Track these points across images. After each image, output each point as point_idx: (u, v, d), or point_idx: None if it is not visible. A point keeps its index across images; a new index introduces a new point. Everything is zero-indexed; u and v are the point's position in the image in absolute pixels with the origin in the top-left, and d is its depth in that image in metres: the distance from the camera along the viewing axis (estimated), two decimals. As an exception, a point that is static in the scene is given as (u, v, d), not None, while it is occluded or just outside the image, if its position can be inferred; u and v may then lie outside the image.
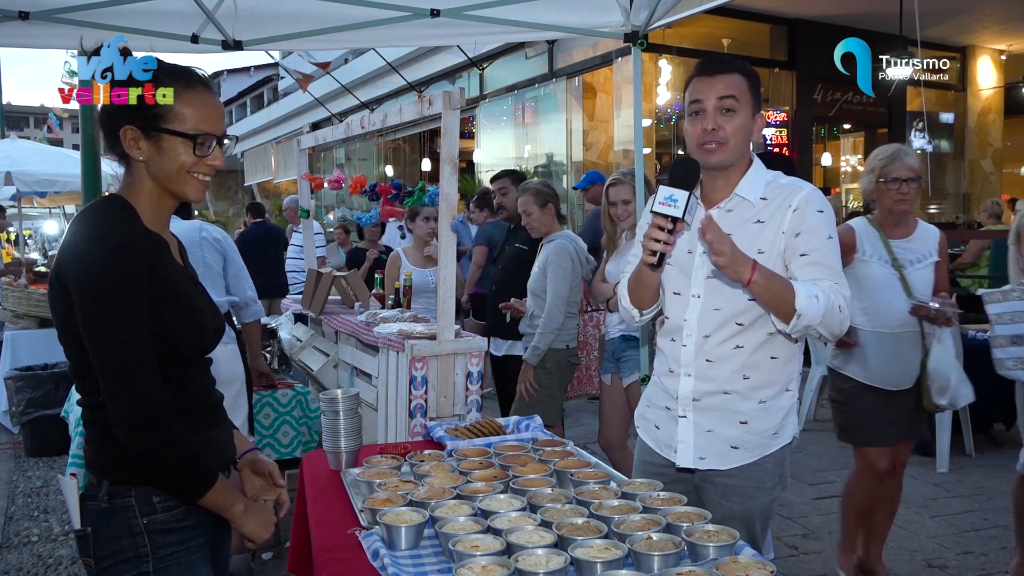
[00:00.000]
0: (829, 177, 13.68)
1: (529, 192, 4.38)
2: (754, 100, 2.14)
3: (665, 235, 1.96)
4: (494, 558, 1.56)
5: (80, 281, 1.58)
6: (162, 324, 1.63)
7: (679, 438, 2.21)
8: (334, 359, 4.54)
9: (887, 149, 3.43)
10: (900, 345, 3.37)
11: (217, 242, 3.79)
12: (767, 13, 10.92)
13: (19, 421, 6.02)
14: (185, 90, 1.67)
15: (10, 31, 4.28)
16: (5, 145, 10.32)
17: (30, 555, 4.24)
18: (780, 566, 1.65)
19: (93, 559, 1.67)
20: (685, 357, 2.18)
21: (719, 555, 1.59)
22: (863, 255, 3.37)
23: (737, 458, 2.17)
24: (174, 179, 1.70)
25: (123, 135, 1.66)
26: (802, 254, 2.07)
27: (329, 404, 2.47)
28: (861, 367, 3.42)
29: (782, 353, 2.17)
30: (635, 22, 4.50)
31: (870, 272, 3.36)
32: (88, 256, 1.59)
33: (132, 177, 1.71)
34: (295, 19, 4.66)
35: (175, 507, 1.68)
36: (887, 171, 3.35)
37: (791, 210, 2.09)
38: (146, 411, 1.57)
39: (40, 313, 6.65)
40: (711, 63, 2.16)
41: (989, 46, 13.12)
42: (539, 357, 4.18)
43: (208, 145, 1.70)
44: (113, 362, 1.56)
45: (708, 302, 2.14)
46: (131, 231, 1.65)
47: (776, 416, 2.17)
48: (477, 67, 13.38)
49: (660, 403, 2.30)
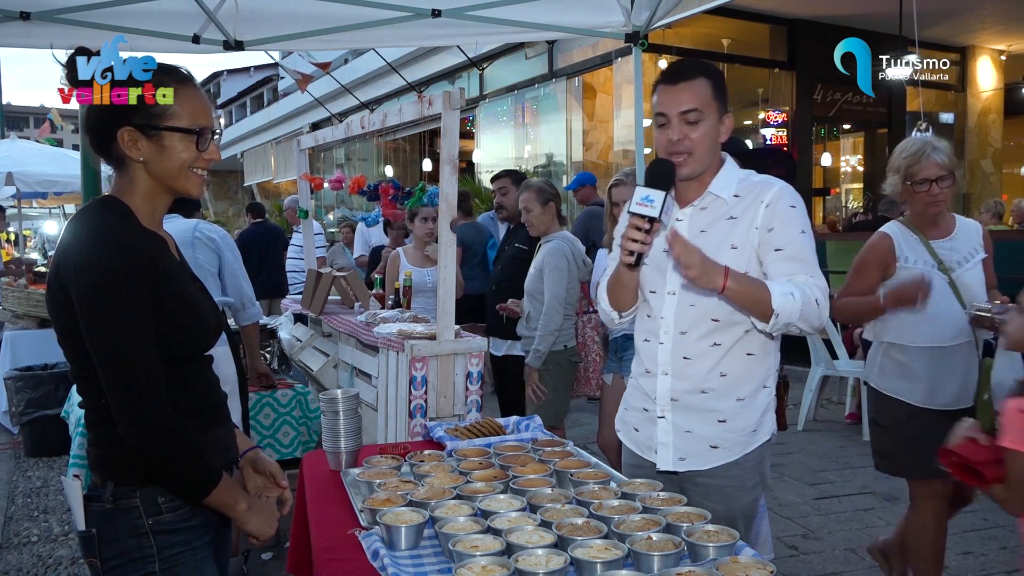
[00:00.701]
0: (829, 177, 13.69)
1: (532, 189, 4.39)
2: (719, 103, 2.14)
3: (643, 235, 1.98)
4: (494, 558, 1.56)
5: (81, 282, 1.57)
6: (164, 323, 1.63)
7: (659, 440, 2.22)
8: (334, 359, 4.55)
9: (912, 145, 3.08)
10: (956, 359, 2.99)
11: (212, 241, 3.72)
12: (767, 13, 10.92)
13: (19, 421, 6.02)
14: (179, 87, 1.68)
15: (11, 31, 4.29)
16: (5, 145, 10.32)
17: (30, 555, 4.24)
18: (780, 566, 1.65)
19: (99, 560, 1.67)
20: (662, 355, 2.20)
21: (719, 555, 1.59)
22: (905, 262, 3.01)
23: (717, 457, 2.18)
24: (176, 176, 1.71)
25: (120, 137, 1.66)
26: (776, 249, 2.08)
27: (329, 404, 2.47)
28: (912, 387, 3.03)
29: (758, 350, 2.18)
30: (636, 22, 4.50)
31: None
32: (89, 257, 1.59)
33: (127, 178, 1.71)
34: (297, 19, 4.67)
35: (180, 507, 1.68)
36: (913, 172, 3.00)
37: (763, 206, 2.11)
38: (151, 411, 1.57)
39: (40, 313, 6.65)
40: (673, 71, 2.15)
41: (989, 46, 13.12)
42: (541, 359, 4.18)
43: (207, 139, 1.72)
44: (117, 363, 1.56)
45: (684, 299, 2.16)
46: (130, 230, 1.65)
47: (754, 413, 2.19)
48: (477, 67, 13.39)
49: (638, 405, 2.31)
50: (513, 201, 4.88)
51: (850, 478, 5.14)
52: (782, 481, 5.01)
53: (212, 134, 1.74)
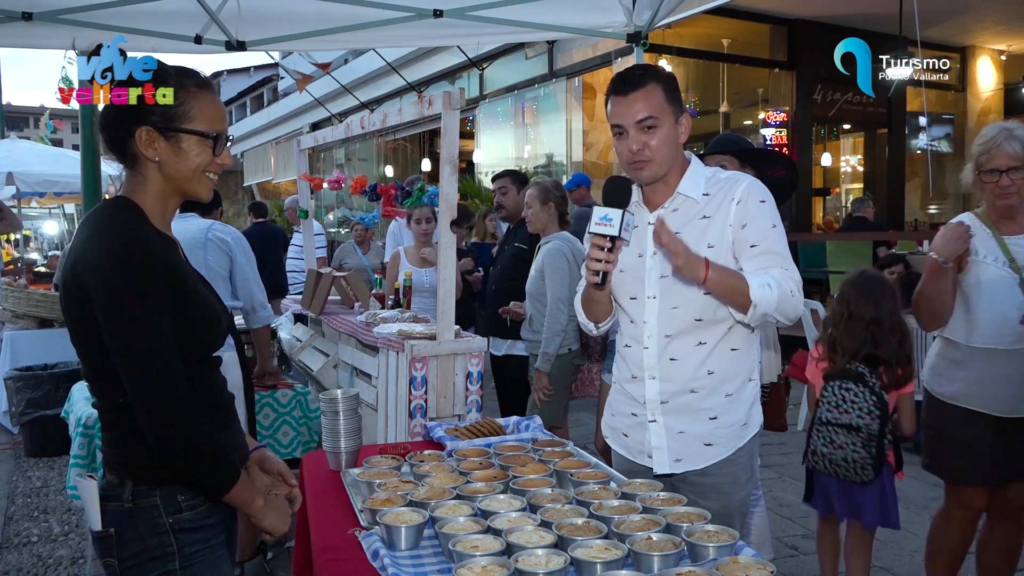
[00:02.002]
0: (829, 177, 13.68)
1: (537, 187, 4.40)
2: (673, 106, 2.13)
3: (605, 254, 2.00)
4: (494, 558, 1.56)
5: (103, 281, 1.58)
6: (179, 322, 1.65)
7: (653, 444, 2.22)
8: (334, 359, 4.55)
9: (989, 131, 2.86)
10: (1014, 364, 2.81)
11: (224, 243, 3.69)
12: (767, 13, 10.92)
13: (19, 421, 6.02)
14: (198, 90, 1.70)
15: (13, 31, 4.29)
16: (5, 145, 10.32)
17: (30, 555, 4.24)
18: (780, 566, 1.65)
19: (116, 559, 1.68)
20: (648, 360, 2.20)
21: (719, 555, 1.59)
22: (976, 255, 2.83)
23: (712, 455, 2.20)
24: (189, 178, 1.73)
25: (138, 136, 1.67)
26: (752, 245, 2.11)
27: (329, 404, 2.47)
28: (965, 389, 2.89)
29: (741, 344, 2.21)
30: (638, 22, 4.51)
31: (984, 276, 2.82)
32: (110, 256, 1.60)
33: (140, 178, 1.73)
34: (298, 20, 4.68)
35: (200, 505, 1.70)
36: (983, 160, 2.80)
37: (734, 203, 2.12)
38: (175, 408, 1.59)
39: (40, 313, 6.65)
40: (623, 81, 2.14)
41: (989, 46, 13.11)
42: (551, 362, 4.19)
43: (223, 144, 1.75)
44: (140, 362, 1.57)
45: (665, 302, 2.17)
46: (147, 231, 1.68)
47: (743, 407, 2.22)
48: (477, 67, 13.38)
49: (625, 410, 2.31)
50: (513, 201, 4.89)
51: (850, 478, 5.13)
52: (782, 481, 5.01)
53: (227, 140, 1.76)
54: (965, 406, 2.89)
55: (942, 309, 2.90)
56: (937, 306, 2.90)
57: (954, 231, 2.79)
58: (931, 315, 2.94)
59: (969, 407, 2.89)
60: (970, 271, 2.84)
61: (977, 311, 2.83)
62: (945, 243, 2.78)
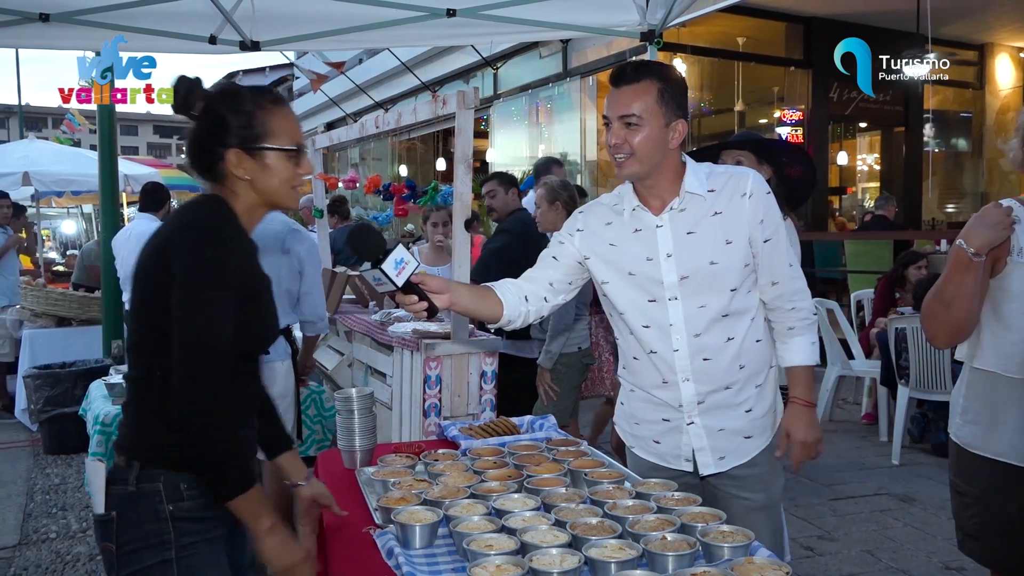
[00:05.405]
0: (845, 176, 13.60)
1: (545, 187, 4.40)
2: (665, 108, 2.06)
3: (415, 300, 2.01)
4: (508, 557, 1.56)
5: (191, 255, 1.65)
6: (243, 320, 1.69)
7: (694, 446, 2.20)
8: (348, 358, 4.56)
9: None
10: None
11: (296, 256, 3.65)
12: (782, 11, 10.85)
13: (37, 419, 6.07)
14: (274, 107, 1.76)
15: (31, 33, 4.33)
16: (23, 145, 10.41)
17: (48, 552, 4.28)
18: (796, 567, 1.64)
19: (115, 544, 1.69)
20: (680, 362, 2.15)
21: (734, 556, 1.58)
22: (1019, 255, 2.11)
23: (753, 446, 2.22)
24: (280, 193, 1.79)
25: (228, 159, 1.73)
26: (766, 240, 2.12)
27: (344, 403, 2.47)
28: (1006, 439, 2.14)
29: (763, 334, 2.22)
30: (652, 21, 4.50)
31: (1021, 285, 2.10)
32: (205, 237, 1.68)
33: (229, 191, 1.78)
34: (312, 20, 4.70)
35: (200, 496, 1.70)
36: None
37: (746, 197, 2.10)
38: (211, 395, 1.62)
39: (58, 312, 6.71)
40: (618, 74, 2.10)
41: (1008, 44, 12.98)
42: (553, 359, 4.17)
43: (304, 156, 1.81)
44: (199, 337, 1.61)
45: (690, 301, 2.13)
46: (241, 231, 1.76)
47: (771, 394, 2.27)
48: (491, 66, 13.39)
49: (654, 416, 2.25)
50: (502, 202, 4.90)
51: (866, 479, 5.11)
52: (797, 482, 4.98)
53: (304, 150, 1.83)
54: (1004, 459, 2.14)
55: (965, 317, 2.14)
56: (957, 312, 2.12)
57: (994, 215, 2.06)
58: (948, 324, 2.18)
59: (1010, 461, 2.14)
60: (1011, 275, 2.11)
61: (1015, 332, 2.12)
62: (981, 228, 2.05)
